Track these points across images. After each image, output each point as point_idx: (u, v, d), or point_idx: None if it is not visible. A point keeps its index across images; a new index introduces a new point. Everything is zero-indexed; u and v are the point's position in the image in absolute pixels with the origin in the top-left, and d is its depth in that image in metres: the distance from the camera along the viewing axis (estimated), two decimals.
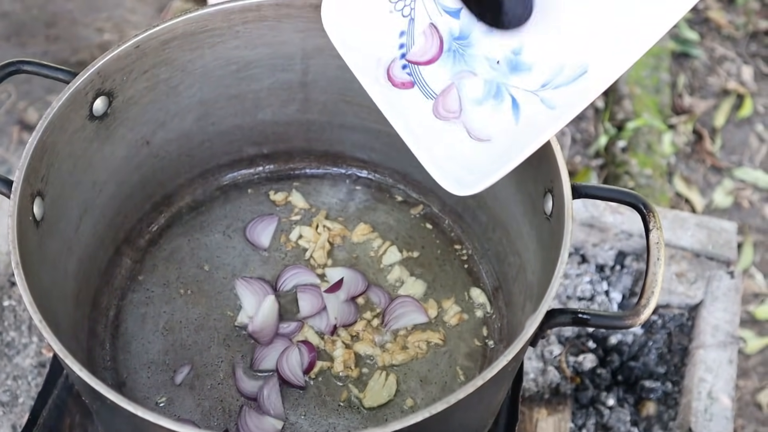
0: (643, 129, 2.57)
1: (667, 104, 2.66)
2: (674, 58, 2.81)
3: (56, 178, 1.18)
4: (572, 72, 1.10)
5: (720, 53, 2.84)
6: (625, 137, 2.54)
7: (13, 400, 1.66)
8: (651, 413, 1.74)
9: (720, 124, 2.68)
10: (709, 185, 2.59)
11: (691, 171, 2.61)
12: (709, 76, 2.80)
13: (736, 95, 2.74)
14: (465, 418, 1.05)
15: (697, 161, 2.63)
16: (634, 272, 1.89)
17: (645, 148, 2.55)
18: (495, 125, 1.16)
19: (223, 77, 1.37)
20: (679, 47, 2.82)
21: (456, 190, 1.14)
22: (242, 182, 1.53)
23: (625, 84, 2.67)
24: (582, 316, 1.02)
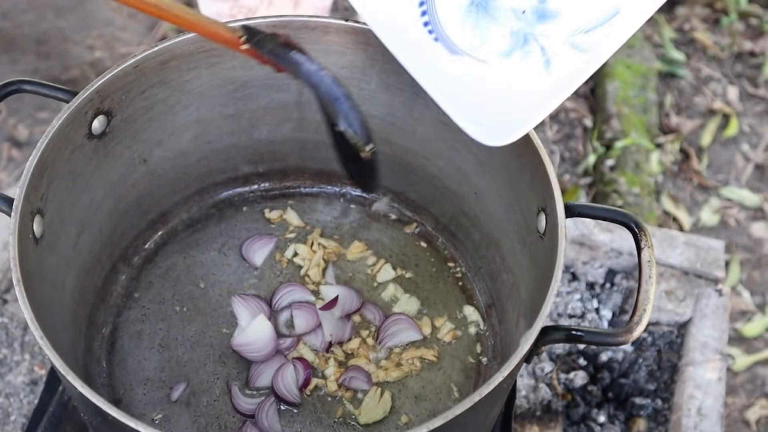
0: (631, 148, 2.60)
1: (655, 124, 2.69)
2: (661, 78, 2.85)
3: (55, 196, 1.19)
4: (603, 15, 1.10)
5: (706, 73, 2.88)
6: (614, 156, 2.57)
7: (5, 417, 1.66)
8: (641, 430, 1.76)
9: (706, 144, 2.72)
10: (696, 204, 2.62)
11: (678, 189, 2.64)
12: (695, 96, 2.84)
13: (722, 115, 2.77)
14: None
15: (684, 180, 2.67)
16: (624, 290, 1.91)
17: (633, 167, 2.58)
18: (525, 75, 1.17)
19: (219, 97, 1.39)
20: (665, 67, 2.86)
21: (490, 141, 1.12)
22: (237, 200, 1.55)
23: (613, 104, 2.71)
24: (576, 333, 1.04)
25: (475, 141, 1.30)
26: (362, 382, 1.34)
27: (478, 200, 1.39)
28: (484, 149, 1.30)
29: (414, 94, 1.36)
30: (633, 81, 2.78)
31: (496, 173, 1.31)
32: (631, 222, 1.11)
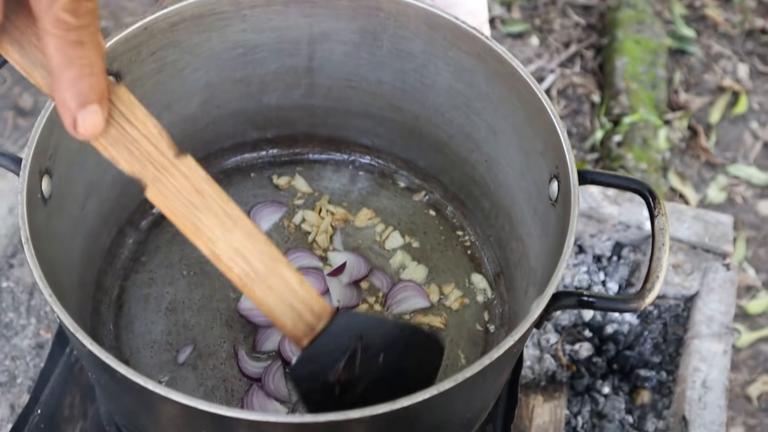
0: (639, 124, 2.58)
1: (663, 100, 2.67)
2: (671, 54, 2.83)
3: (63, 156, 1.18)
4: None
5: (716, 50, 2.86)
6: (621, 132, 2.56)
7: (11, 380, 1.66)
8: (645, 401, 1.76)
9: (715, 121, 2.70)
10: (703, 181, 2.61)
11: (685, 166, 2.62)
12: (705, 73, 2.82)
13: (732, 92, 2.76)
14: (470, 398, 1.06)
15: (692, 157, 2.65)
16: (630, 263, 1.91)
17: (640, 143, 2.56)
18: None
19: (229, 61, 1.37)
20: (675, 44, 2.83)
21: None
22: (245, 166, 1.54)
23: (622, 79, 2.69)
24: (587, 299, 1.03)
25: (488, 109, 1.30)
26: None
27: (488, 168, 1.38)
28: (497, 117, 1.30)
29: (426, 60, 1.34)
30: (642, 57, 2.76)
31: (508, 141, 1.30)
32: (644, 189, 1.10)
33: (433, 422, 1.04)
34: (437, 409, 0.98)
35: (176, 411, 0.95)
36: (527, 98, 1.22)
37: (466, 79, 1.32)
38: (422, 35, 1.31)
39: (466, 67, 1.31)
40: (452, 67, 1.33)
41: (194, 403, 0.89)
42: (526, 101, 1.22)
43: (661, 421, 1.72)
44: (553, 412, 1.71)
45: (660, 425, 1.72)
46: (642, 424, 1.72)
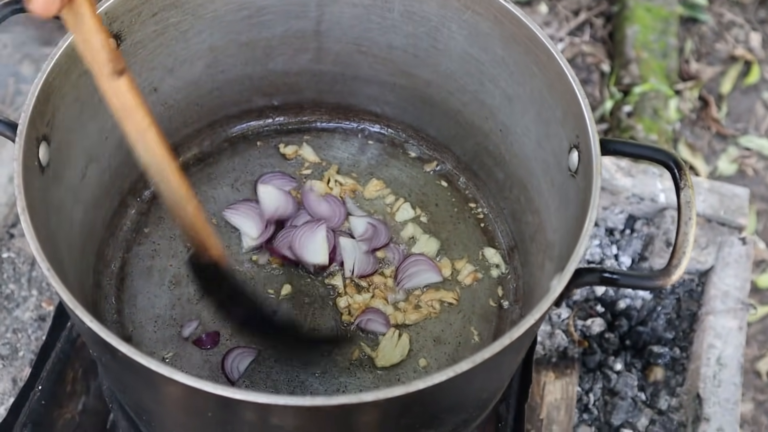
0: (650, 94, 2.53)
1: (674, 69, 2.62)
2: (682, 22, 2.76)
3: (62, 122, 1.13)
4: None
5: (728, 19, 2.79)
6: (631, 102, 2.51)
7: (13, 353, 1.63)
8: (658, 378, 1.73)
9: (726, 91, 2.65)
10: (713, 152, 2.56)
11: (696, 138, 2.58)
12: (716, 42, 2.76)
13: (744, 62, 2.70)
14: (487, 379, 1.02)
15: (703, 128, 2.60)
16: (644, 237, 1.86)
17: (651, 114, 2.51)
18: None
19: (234, 23, 1.32)
20: (687, 12, 2.77)
21: None
22: (251, 134, 1.49)
23: (632, 48, 2.63)
24: (610, 275, 0.99)
25: (503, 75, 1.25)
26: (380, 324, 1.29)
27: (503, 137, 1.33)
28: (513, 83, 1.24)
29: (439, 23, 1.29)
30: (653, 25, 2.70)
31: (524, 109, 1.25)
32: (670, 160, 1.05)
33: (448, 404, 1.00)
34: (453, 391, 0.94)
35: (181, 392, 0.91)
36: (546, 64, 1.17)
37: (481, 43, 1.27)
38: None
39: (481, 31, 1.25)
40: (467, 31, 1.27)
41: (200, 384, 0.85)
42: (545, 67, 1.17)
43: (674, 399, 1.69)
44: (565, 389, 1.67)
45: (673, 402, 1.69)
46: (655, 402, 1.69)
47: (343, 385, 1.25)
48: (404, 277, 1.33)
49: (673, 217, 1.85)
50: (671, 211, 1.85)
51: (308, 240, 1.32)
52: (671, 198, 1.86)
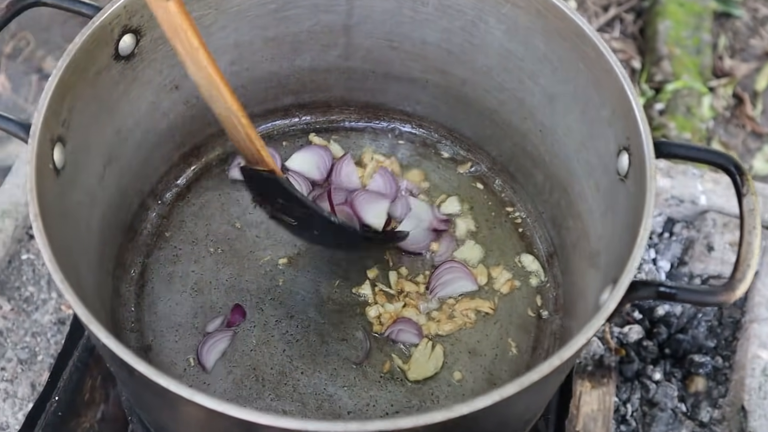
0: (683, 91, 2.46)
1: (708, 66, 2.54)
2: (716, 18, 2.69)
3: (78, 123, 1.07)
4: None
5: (763, 14, 2.72)
6: (664, 99, 2.44)
7: (31, 357, 1.58)
8: (700, 389, 1.65)
9: (761, 88, 2.57)
10: (748, 151, 2.48)
11: (730, 136, 2.50)
12: (751, 38, 2.68)
13: None
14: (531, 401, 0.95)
15: (737, 126, 2.53)
16: (683, 240, 1.79)
17: (684, 111, 2.44)
18: None
19: (259, 17, 1.26)
20: (721, 7, 2.69)
21: None
22: (277, 134, 1.43)
23: (665, 44, 2.55)
24: (668, 290, 0.91)
25: (545, 72, 1.18)
26: (412, 335, 1.23)
27: (543, 138, 1.26)
28: (556, 81, 1.17)
29: (476, 17, 1.22)
30: (686, 20, 2.62)
31: (567, 108, 1.18)
32: (730, 165, 0.97)
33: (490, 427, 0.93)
34: (497, 414, 0.87)
35: (202, 414, 0.84)
36: (593, 60, 1.10)
37: (521, 38, 1.20)
38: None
39: (521, 25, 1.19)
40: (505, 25, 1.21)
41: (223, 407, 0.79)
42: (592, 63, 1.10)
43: (716, 410, 1.62)
44: (602, 399, 1.60)
45: (715, 414, 1.61)
46: (696, 413, 1.62)
47: (373, 399, 1.19)
48: (438, 284, 1.27)
49: (714, 220, 1.77)
50: (713, 214, 1.78)
51: (371, 203, 1.30)
52: (713, 200, 1.79)
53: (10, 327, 1.62)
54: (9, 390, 1.56)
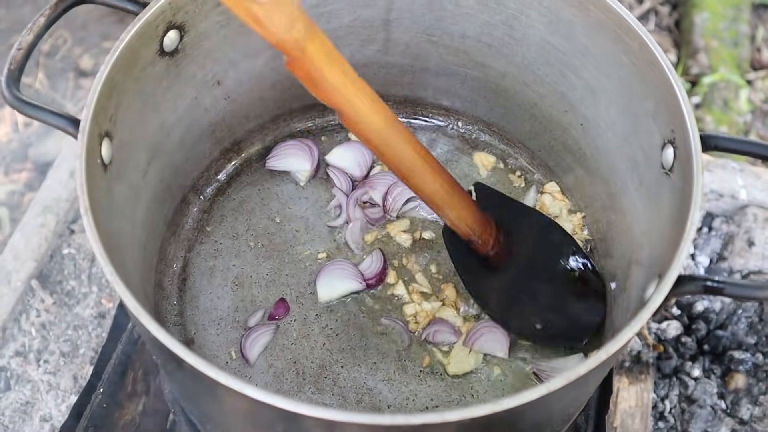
0: (719, 84, 2.42)
1: (746, 58, 2.50)
2: (754, 9, 2.64)
3: (124, 118, 1.09)
4: None
5: None
6: (700, 93, 2.40)
7: (73, 350, 1.61)
8: (740, 386, 1.63)
9: None
10: None
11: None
12: None
13: None
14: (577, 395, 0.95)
15: None
16: (723, 235, 1.77)
17: (721, 105, 2.40)
18: None
19: None
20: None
21: None
22: (316, 129, 1.44)
23: (701, 36, 2.51)
24: (715, 284, 0.90)
25: (587, 65, 1.17)
26: (448, 335, 1.22)
27: (584, 132, 1.25)
28: (598, 74, 1.16)
29: (517, 10, 1.21)
30: (723, 12, 2.58)
31: (610, 101, 1.17)
32: None
33: (535, 421, 0.93)
34: (542, 408, 0.87)
35: (248, 405, 0.85)
36: (637, 52, 1.09)
37: (563, 31, 1.19)
38: None
39: (563, 18, 1.18)
40: (547, 18, 1.20)
41: (269, 399, 0.80)
42: (636, 55, 1.09)
43: (757, 408, 1.60)
44: (639, 395, 1.59)
45: (756, 412, 1.59)
46: (736, 411, 1.60)
47: (413, 393, 1.19)
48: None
49: (755, 214, 1.75)
50: (753, 209, 1.75)
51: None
52: (753, 194, 1.77)
53: (53, 320, 1.65)
54: (52, 382, 1.58)
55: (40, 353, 1.61)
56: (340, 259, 1.28)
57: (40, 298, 1.66)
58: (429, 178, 1.02)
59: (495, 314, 1.19)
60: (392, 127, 0.97)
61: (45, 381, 1.58)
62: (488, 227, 1.11)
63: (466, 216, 1.08)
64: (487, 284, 1.16)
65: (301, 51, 0.87)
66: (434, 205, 1.06)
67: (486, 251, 1.13)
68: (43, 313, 1.65)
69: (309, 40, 0.87)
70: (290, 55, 0.87)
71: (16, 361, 1.60)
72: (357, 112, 0.94)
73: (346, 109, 0.93)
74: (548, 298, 1.18)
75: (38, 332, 1.63)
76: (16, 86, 1.01)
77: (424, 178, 1.02)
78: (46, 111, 1.01)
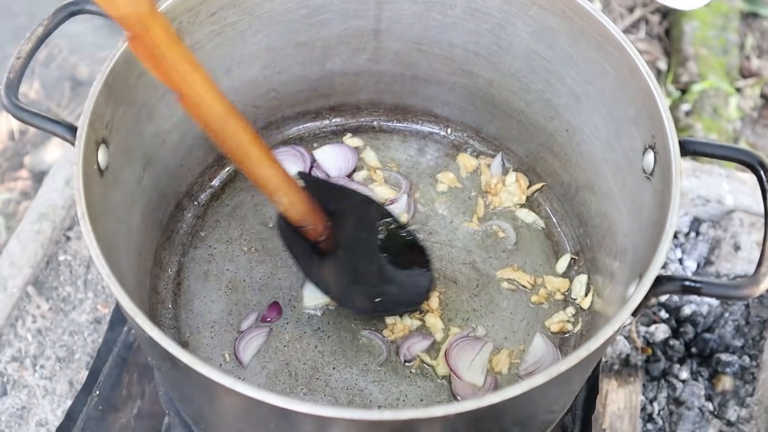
0: (709, 92, 2.45)
1: (735, 66, 2.53)
2: (743, 18, 2.67)
3: (120, 125, 1.11)
4: None
5: None
6: (690, 100, 2.43)
7: (69, 355, 1.63)
8: (727, 388, 1.66)
9: None
10: None
11: (757, 137, 2.49)
12: None
13: None
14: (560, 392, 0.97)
15: (765, 126, 2.52)
16: (710, 240, 1.79)
17: (710, 112, 2.43)
18: None
19: (292, 22, 1.29)
20: (748, 7, 2.68)
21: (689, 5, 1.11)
22: (308, 136, 1.46)
23: (691, 45, 2.55)
24: (693, 284, 0.93)
25: (571, 73, 1.20)
26: (424, 344, 1.25)
27: (569, 137, 1.28)
28: (582, 81, 1.19)
29: (503, 20, 1.24)
30: (713, 21, 2.61)
31: (593, 107, 1.20)
32: (755, 162, 0.99)
33: (519, 418, 0.95)
34: (526, 404, 0.89)
35: (242, 403, 0.88)
36: (618, 60, 1.12)
37: (547, 39, 1.22)
38: None
39: (547, 27, 1.21)
40: (532, 27, 1.23)
41: (263, 396, 0.82)
42: (617, 63, 1.12)
43: (744, 409, 1.62)
44: (628, 397, 1.61)
45: (743, 413, 1.61)
46: (723, 412, 1.62)
47: (403, 393, 1.21)
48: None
49: (741, 219, 1.78)
50: (739, 214, 1.78)
51: None
52: (739, 200, 1.80)
53: (49, 326, 1.66)
54: (48, 387, 1.60)
55: (36, 358, 1.63)
56: None
57: (36, 304, 1.68)
58: (264, 163, 1.07)
59: (337, 297, 1.24)
60: (230, 113, 1.02)
61: (41, 386, 1.60)
62: (317, 213, 1.17)
63: (297, 202, 1.13)
64: (325, 270, 1.23)
65: (145, 28, 0.91)
66: (268, 191, 1.11)
67: (317, 237, 1.19)
68: (39, 318, 1.67)
69: (152, 17, 0.91)
70: (132, 31, 0.91)
71: (13, 366, 1.62)
72: (198, 95, 0.99)
73: (187, 92, 0.98)
74: (379, 272, 1.26)
75: (34, 338, 1.65)
76: (15, 94, 1.04)
77: (260, 162, 1.07)
78: (45, 118, 1.04)
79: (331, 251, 1.21)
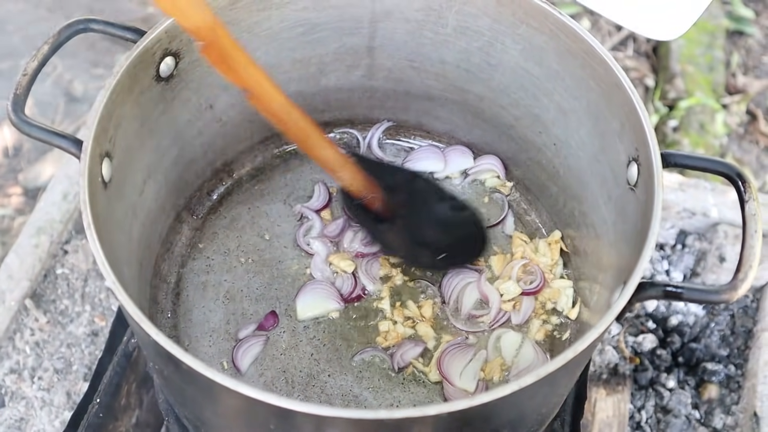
0: (696, 108, 2.50)
1: (721, 83, 2.58)
2: (728, 36, 2.73)
3: (123, 139, 1.15)
4: None
5: None
6: (677, 116, 2.48)
7: (67, 367, 1.65)
8: (713, 396, 1.69)
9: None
10: (762, 167, 2.52)
11: (744, 152, 2.53)
12: (763, 55, 2.72)
13: None
14: (548, 394, 1.01)
15: (751, 142, 2.56)
16: (696, 252, 1.83)
17: (697, 128, 2.48)
18: None
19: (288, 40, 1.33)
20: (733, 25, 2.73)
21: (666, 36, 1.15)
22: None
23: (678, 62, 2.60)
24: (674, 289, 0.97)
25: (558, 89, 1.24)
26: (416, 351, 1.28)
27: (557, 151, 1.32)
28: (569, 97, 1.24)
29: (493, 38, 1.29)
30: (699, 38, 2.67)
31: (580, 122, 1.24)
32: (733, 173, 1.03)
33: (509, 418, 0.99)
34: (516, 405, 0.93)
35: (243, 404, 0.91)
36: (603, 76, 1.16)
37: (536, 57, 1.26)
38: (490, 11, 1.25)
39: (536, 45, 1.25)
40: (521, 45, 1.27)
41: (263, 396, 0.85)
42: (602, 80, 1.16)
43: (729, 417, 1.66)
44: (617, 406, 1.65)
45: (729, 421, 1.65)
46: (709, 420, 1.66)
47: (397, 399, 1.25)
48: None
49: (725, 232, 1.82)
50: (724, 226, 1.83)
51: None
52: (724, 213, 1.84)
53: (46, 338, 1.68)
54: (45, 399, 1.62)
55: (34, 370, 1.65)
56: (320, 280, 1.34)
57: (34, 317, 1.70)
58: (325, 144, 1.20)
59: (404, 257, 1.35)
60: (291, 104, 1.13)
61: (39, 398, 1.62)
62: (373, 186, 1.28)
63: (356, 177, 1.25)
64: (389, 234, 1.33)
65: (216, 37, 1.02)
66: (331, 169, 1.23)
67: (376, 207, 1.30)
68: (37, 331, 1.69)
69: (219, 27, 1.02)
70: (205, 39, 1.01)
71: (11, 378, 1.64)
72: (263, 89, 1.10)
73: (254, 87, 1.09)
74: (438, 232, 1.37)
75: (32, 350, 1.67)
76: (22, 110, 1.07)
77: (321, 144, 1.19)
78: (52, 133, 1.08)
79: (391, 219, 1.32)
